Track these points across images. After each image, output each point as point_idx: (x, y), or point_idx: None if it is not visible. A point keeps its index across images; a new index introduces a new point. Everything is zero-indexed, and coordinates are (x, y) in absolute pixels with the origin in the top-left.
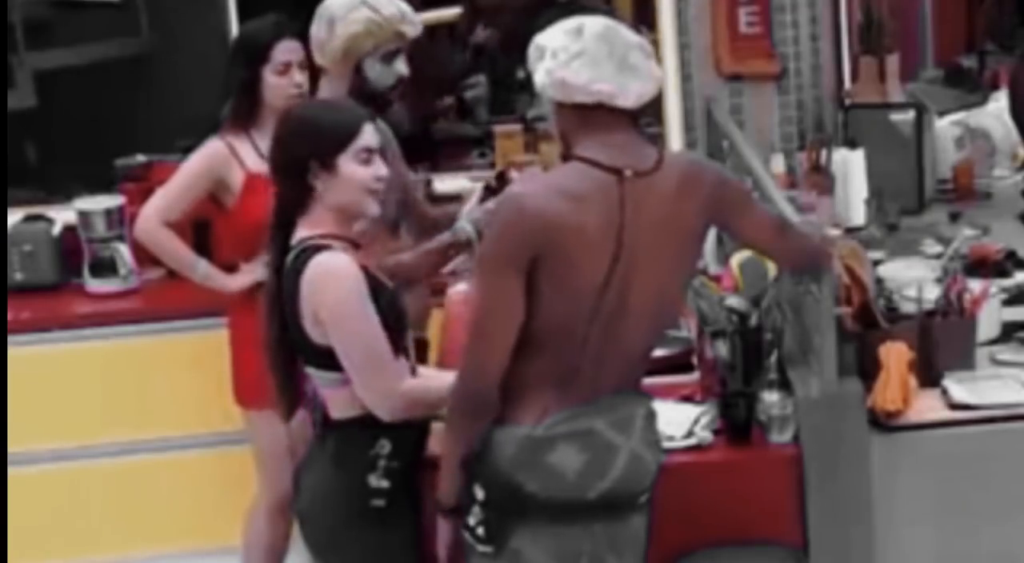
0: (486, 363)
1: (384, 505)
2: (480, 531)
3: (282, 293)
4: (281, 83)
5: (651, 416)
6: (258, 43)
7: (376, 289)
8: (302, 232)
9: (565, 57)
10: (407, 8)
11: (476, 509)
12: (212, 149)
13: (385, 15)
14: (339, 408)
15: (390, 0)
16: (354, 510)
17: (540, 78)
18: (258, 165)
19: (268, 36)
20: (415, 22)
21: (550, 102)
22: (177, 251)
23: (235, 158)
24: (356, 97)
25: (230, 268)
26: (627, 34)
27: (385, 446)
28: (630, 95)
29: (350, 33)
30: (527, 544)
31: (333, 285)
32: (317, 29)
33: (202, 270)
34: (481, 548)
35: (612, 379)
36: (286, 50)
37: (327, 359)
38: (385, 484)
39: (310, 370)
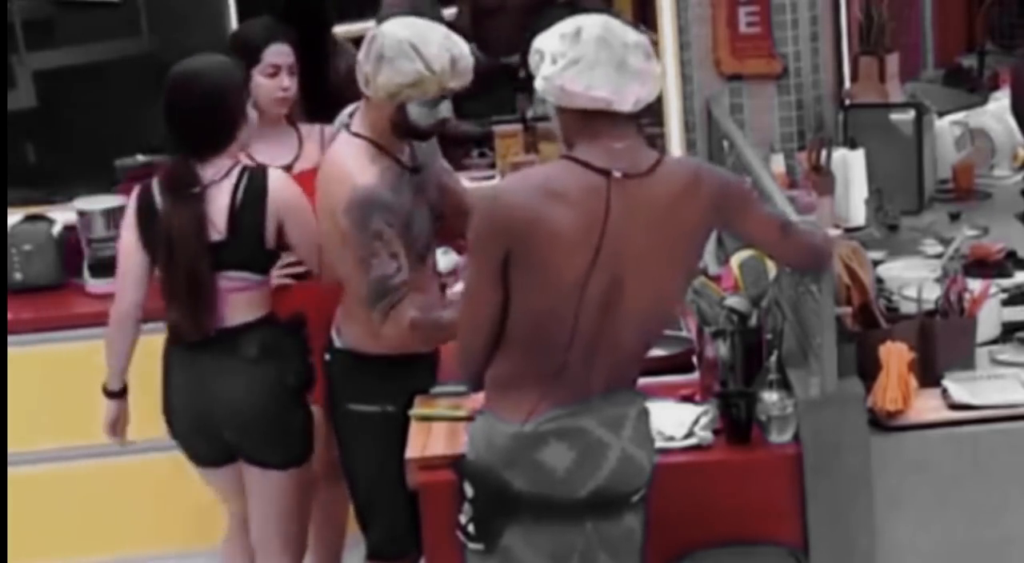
0: (465, 347)
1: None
2: (471, 529)
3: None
4: (269, 85)
5: (643, 415)
6: (249, 44)
7: None
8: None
9: (563, 63)
10: (460, 53)
11: (466, 507)
12: None
13: (436, 69)
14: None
15: (445, 48)
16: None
17: (539, 84)
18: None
19: (260, 38)
20: (464, 73)
21: (552, 106)
22: None
23: None
24: (395, 129)
25: None
26: (626, 34)
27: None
28: (628, 100)
29: (396, 82)
30: (518, 542)
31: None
32: (364, 59)
33: None
34: (472, 546)
35: (603, 378)
36: (276, 53)
37: (268, 261)
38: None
39: (244, 275)
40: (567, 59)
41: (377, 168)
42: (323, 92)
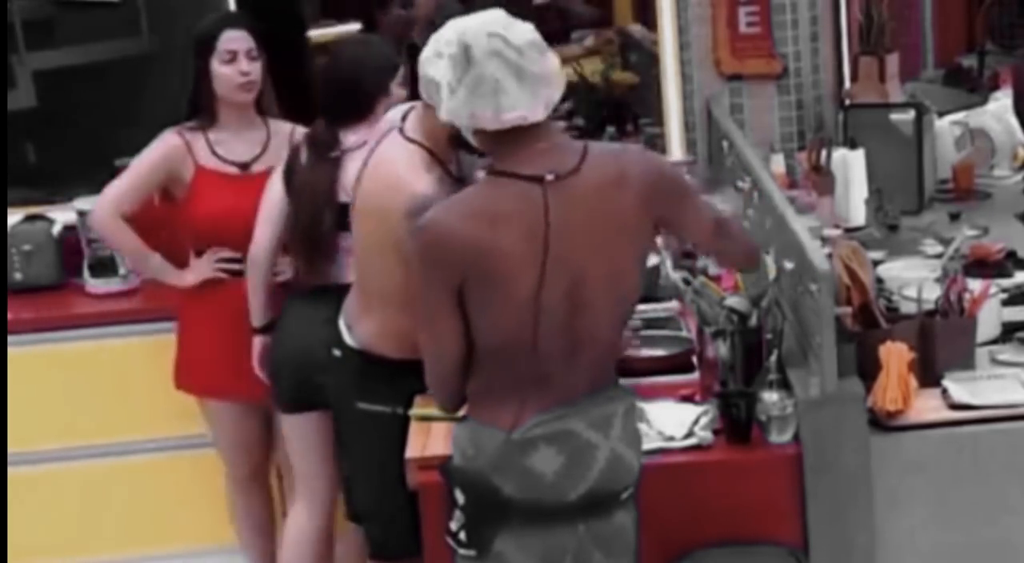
0: (435, 375)
1: None
2: (462, 536)
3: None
4: (227, 73)
5: (631, 413)
6: (203, 36)
7: None
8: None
9: (464, 92)
10: None
11: (457, 514)
12: (167, 141)
13: None
14: None
15: None
16: None
17: (445, 116)
18: (211, 161)
19: (213, 27)
20: None
21: (466, 129)
22: (130, 242)
23: (189, 153)
24: (452, 140)
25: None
26: (515, 34)
27: None
28: (539, 109)
29: None
30: (510, 547)
31: None
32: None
33: (155, 263)
34: (464, 552)
35: (585, 377)
36: (230, 39)
37: None
38: None
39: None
40: (466, 86)
41: (432, 176)
42: (300, 93)
